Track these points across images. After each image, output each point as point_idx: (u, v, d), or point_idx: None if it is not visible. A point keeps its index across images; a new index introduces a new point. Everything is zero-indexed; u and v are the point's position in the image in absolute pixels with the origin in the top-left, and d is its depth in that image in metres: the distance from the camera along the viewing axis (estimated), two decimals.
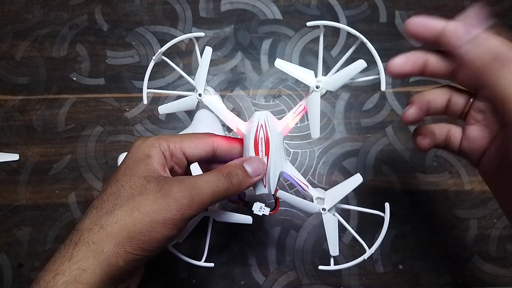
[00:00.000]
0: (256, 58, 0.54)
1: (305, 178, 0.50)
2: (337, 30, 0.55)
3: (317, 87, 0.30)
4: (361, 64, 0.29)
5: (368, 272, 0.47)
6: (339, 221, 0.32)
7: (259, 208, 0.32)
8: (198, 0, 0.56)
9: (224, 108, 0.33)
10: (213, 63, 0.54)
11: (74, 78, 0.53)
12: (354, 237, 0.33)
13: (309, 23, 0.31)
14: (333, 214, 0.32)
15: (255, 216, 0.32)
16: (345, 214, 0.49)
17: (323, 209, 0.31)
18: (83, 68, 0.54)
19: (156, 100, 0.52)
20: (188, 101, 0.34)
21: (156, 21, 0.56)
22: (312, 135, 0.31)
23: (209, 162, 0.34)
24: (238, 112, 0.52)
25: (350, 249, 0.47)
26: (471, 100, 0.31)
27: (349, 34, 0.55)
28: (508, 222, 0.48)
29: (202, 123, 0.48)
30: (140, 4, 0.56)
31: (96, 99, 0.52)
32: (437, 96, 0.32)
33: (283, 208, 0.48)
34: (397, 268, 0.47)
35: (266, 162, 0.31)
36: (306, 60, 0.54)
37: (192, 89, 0.34)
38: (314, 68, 0.31)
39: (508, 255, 0.47)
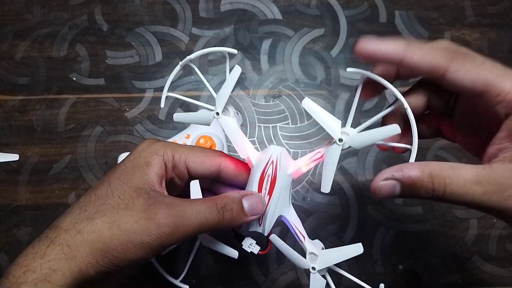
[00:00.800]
0: (256, 58, 0.54)
1: (305, 178, 0.50)
2: (337, 30, 0.55)
3: (340, 140, 0.28)
4: (395, 129, 0.27)
5: (368, 272, 0.47)
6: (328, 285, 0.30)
7: (249, 245, 0.31)
8: (198, 0, 0.56)
9: (238, 132, 0.31)
10: (213, 63, 0.54)
11: (74, 78, 0.53)
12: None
13: (349, 69, 0.28)
14: (323, 275, 0.30)
15: (242, 250, 0.31)
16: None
17: (312, 268, 0.29)
18: (83, 68, 0.54)
19: (156, 100, 0.52)
20: (204, 117, 0.31)
21: (156, 21, 0.56)
22: (322, 189, 0.28)
23: (213, 180, 0.32)
24: (238, 111, 0.52)
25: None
26: (453, 98, 0.30)
27: (349, 34, 0.55)
28: None
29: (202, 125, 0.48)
30: (140, 4, 0.56)
31: (96, 99, 0.52)
32: (413, 102, 0.30)
33: None
34: (397, 268, 0.47)
35: (267, 202, 0.29)
36: (306, 60, 0.54)
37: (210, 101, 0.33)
38: (314, 70, 0.30)
39: (508, 255, 0.47)
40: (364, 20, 0.56)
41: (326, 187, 0.28)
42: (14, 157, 0.50)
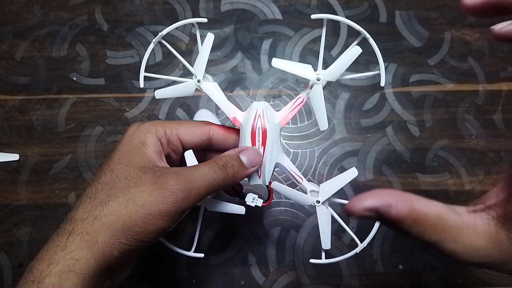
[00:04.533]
0: (256, 58, 0.54)
1: (305, 178, 0.50)
2: (337, 30, 0.55)
3: (317, 80, 0.30)
4: (356, 50, 0.29)
5: (368, 272, 0.47)
6: (332, 216, 0.32)
7: (252, 199, 0.32)
8: (198, 0, 0.56)
9: (222, 95, 0.32)
10: (213, 63, 0.54)
11: (74, 78, 0.53)
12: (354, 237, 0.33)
13: (313, 16, 0.30)
14: (327, 208, 0.31)
15: (252, 211, 0.32)
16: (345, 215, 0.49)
17: (317, 201, 0.31)
18: (83, 68, 0.54)
19: (156, 100, 0.52)
20: (186, 87, 0.33)
21: (156, 21, 0.56)
22: (320, 127, 0.30)
23: (204, 150, 0.34)
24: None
25: (350, 248, 0.47)
26: None
27: (349, 34, 0.55)
28: None
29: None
30: (140, 4, 0.56)
31: (96, 99, 0.52)
32: None
33: (283, 208, 0.48)
34: (397, 268, 0.47)
35: (262, 153, 0.31)
36: (307, 60, 0.54)
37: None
38: (314, 66, 0.31)
39: None
40: (364, 20, 0.56)
41: (324, 124, 0.30)
42: (14, 157, 0.50)
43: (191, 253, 0.33)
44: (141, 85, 0.34)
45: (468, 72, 0.54)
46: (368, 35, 0.30)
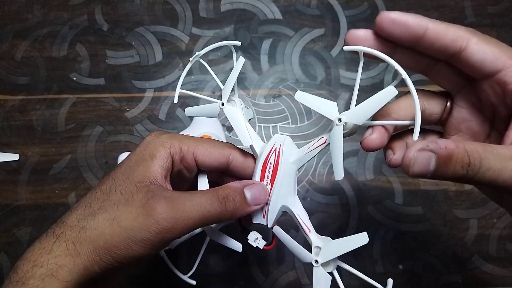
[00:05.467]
0: (256, 58, 0.54)
1: (305, 178, 0.50)
2: (337, 30, 0.55)
3: (339, 120, 0.27)
4: (392, 91, 0.25)
5: (368, 272, 0.47)
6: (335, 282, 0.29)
7: (254, 239, 0.30)
8: (198, 0, 0.56)
9: (242, 121, 0.30)
10: (213, 63, 0.54)
11: (74, 78, 0.53)
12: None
13: (346, 48, 0.27)
14: (331, 273, 0.28)
15: (247, 244, 0.30)
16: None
17: (315, 261, 0.27)
18: (83, 68, 0.54)
19: (157, 100, 0.52)
20: (211, 108, 0.31)
21: (156, 21, 0.56)
22: (335, 177, 0.26)
23: (221, 172, 0.32)
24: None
25: None
26: (448, 104, 0.28)
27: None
28: (509, 222, 0.48)
29: (202, 124, 0.48)
30: (140, 4, 0.56)
31: (96, 99, 0.52)
32: (403, 109, 0.28)
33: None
34: (397, 268, 0.47)
35: (269, 190, 0.28)
36: (306, 60, 0.54)
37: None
38: (314, 69, 0.30)
39: (508, 255, 0.47)
40: (364, 20, 0.56)
41: (339, 174, 0.26)
42: (14, 157, 0.50)
43: (185, 277, 0.32)
44: (176, 100, 0.32)
45: None
46: (405, 75, 0.26)
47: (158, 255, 0.32)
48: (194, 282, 0.32)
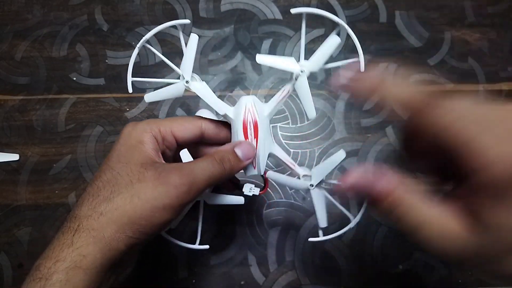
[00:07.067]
0: None
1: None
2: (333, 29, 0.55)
3: (302, 71, 0.32)
4: (335, 39, 0.30)
5: (368, 272, 0.47)
6: (326, 197, 0.34)
7: (249, 189, 0.33)
8: (198, 0, 0.56)
9: (212, 94, 0.34)
10: (213, 63, 0.54)
11: (74, 78, 0.53)
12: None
13: (292, 10, 0.32)
14: (320, 190, 0.33)
15: (251, 205, 0.34)
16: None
17: (311, 185, 0.33)
18: (83, 68, 0.54)
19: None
20: (175, 88, 0.33)
21: (156, 21, 0.56)
22: (308, 116, 0.32)
23: (196, 144, 0.35)
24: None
25: (348, 245, 0.47)
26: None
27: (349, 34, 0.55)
28: None
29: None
30: (140, 4, 0.56)
31: (96, 99, 0.52)
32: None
33: (282, 208, 0.48)
34: (397, 268, 0.47)
35: (255, 145, 0.32)
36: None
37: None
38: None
39: None
40: (364, 20, 0.56)
41: (311, 113, 0.32)
42: (14, 157, 0.50)
43: (196, 246, 0.34)
44: (130, 90, 0.35)
45: (468, 72, 0.54)
46: (346, 26, 0.32)
47: (161, 241, 0.33)
48: (207, 246, 0.34)
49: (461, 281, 0.47)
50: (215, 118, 0.50)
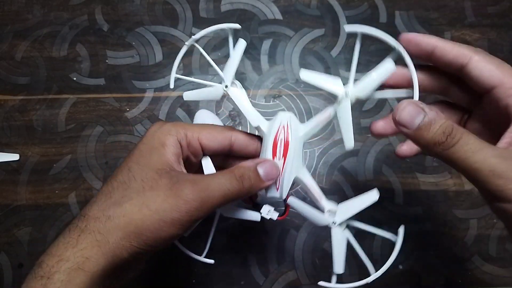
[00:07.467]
0: (256, 58, 0.54)
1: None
2: (337, 31, 0.55)
3: (346, 94, 0.29)
4: (391, 66, 0.27)
5: (368, 272, 0.47)
6: (348, 240, 0.31)
7: (267, 211, 0.31)
8: (198, 0, 0.56)
9: (248, 103, 0.32)
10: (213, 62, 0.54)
11: (74, 78, 0.53)
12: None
13: (346, 27, 0.29)
14: (343, 230, 0.30)
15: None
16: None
17: (333, 222, 0.30)
18: (83, 68, 0.54)
19: (157, 100, 0.52)
20: (214, 91, 0.32)
21: (156, 21, 0.56)
22: (346, 146, 0.29)
23: (225, 155, 0.33)
24: (237, 112, 0.52)
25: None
26: (465, 117, 0.30)
27: (349, 35, 0.55)
28: None
29: (203, 122, 0.48)
30: (140, 4, 0.56)
31: (96, 99, 0.52)
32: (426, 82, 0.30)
33: (283, 208, 0.48)
34: (397, 268, 0.47)
35: (281, 166, 0.30)
36: (306, 60, 0.54)
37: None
38: (314, 70, 0.31)
39: (508, 256, 0.47)
40: (364, 20, 0.56)
41: (349, 143, 0.29)
42: (14, 157, 0.50)
43: (201, 258, 0.33)
44: (172, 86, 0.34)
45: None
46: (403, 51, 0.29)
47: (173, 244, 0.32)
48: (212, 261, 0.32)
49: (461, 281, 0.47)
50: (215, 118, 0.50)
